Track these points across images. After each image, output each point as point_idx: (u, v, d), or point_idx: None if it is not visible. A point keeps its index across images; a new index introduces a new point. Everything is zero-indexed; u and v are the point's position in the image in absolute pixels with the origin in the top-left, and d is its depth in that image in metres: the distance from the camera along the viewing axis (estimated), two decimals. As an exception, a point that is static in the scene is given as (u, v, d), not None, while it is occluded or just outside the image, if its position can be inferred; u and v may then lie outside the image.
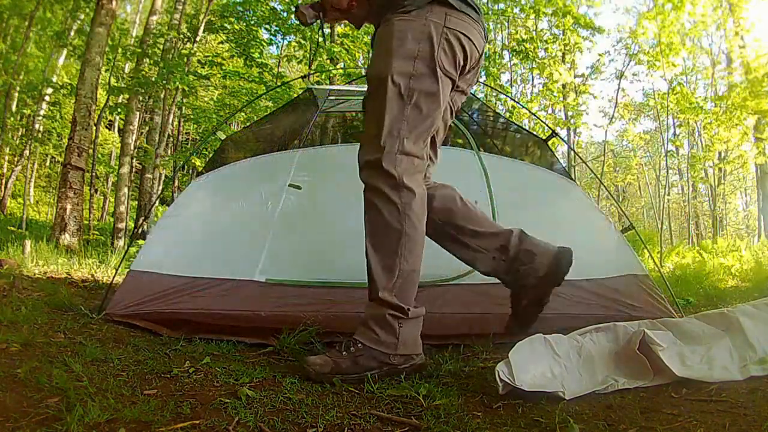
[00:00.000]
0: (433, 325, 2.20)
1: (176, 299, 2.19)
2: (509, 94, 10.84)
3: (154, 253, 2.36)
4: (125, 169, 7.84)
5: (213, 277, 2.24)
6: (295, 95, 4.52)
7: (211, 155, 3.08)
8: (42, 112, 12.31)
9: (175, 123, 12.12)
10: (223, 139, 2.88)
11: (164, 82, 7.60)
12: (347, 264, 2.32)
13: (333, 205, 2.49)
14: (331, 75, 7.34)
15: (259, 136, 3.12)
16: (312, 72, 7.12)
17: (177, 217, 2.48)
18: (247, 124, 6.89)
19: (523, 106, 8.92)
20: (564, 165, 2.84)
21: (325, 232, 2.41)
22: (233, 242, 2.40)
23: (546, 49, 9.49)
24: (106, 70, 9.71)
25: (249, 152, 2.81)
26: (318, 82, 6.78)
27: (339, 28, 7.69)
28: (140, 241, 3.98)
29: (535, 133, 3.11)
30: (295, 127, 3.19)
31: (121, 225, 7.38)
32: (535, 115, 8.56)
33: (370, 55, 2.15)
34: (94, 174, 10.10)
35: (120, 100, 9.62)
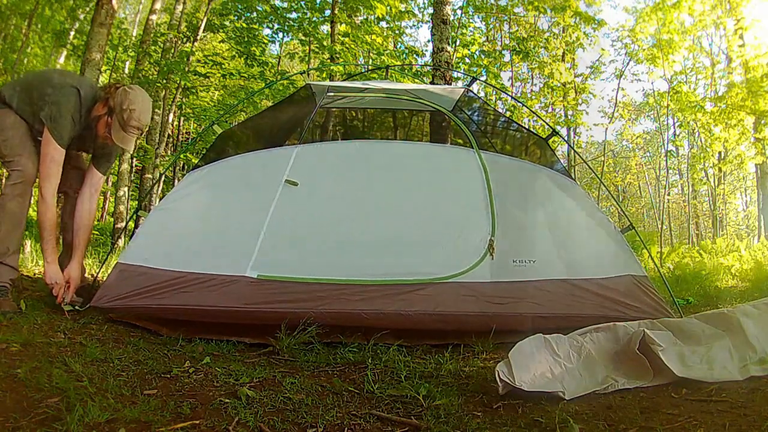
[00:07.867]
0: (429, 323, 2.20)
1: (164, 295, 2.14)
2: (510, 93, 10.78)
3: (143, 245, 2.31)
4: (125, 169, 7.80)
5: (203, 272, 2.19)
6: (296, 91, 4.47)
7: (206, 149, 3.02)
8: (42, 112, 12.20)
9: (175, 123, 12.10)
10: (219, 133, 2.82)
11: (164, 81, 7.58)
12: (339, 262, 2.30)
13: (329, 203, 2.46)
14: (331, 73, 7.33)
15: (256, 131, 3.06)
16: (311, 69, 7.07)
17: (168, 210, 2.42)
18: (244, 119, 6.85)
19: (524, 104, 8.86)
20: (564, 164, 2.82)
21: (319, 230, 2.37)
22: (225, 237, 2.34)
23: (546, 47, 9.43)
24: (107, 70, 9.70)
25: (246, 147, 2.75)
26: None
27: (340, 27, 7.67)
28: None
29: (535, 132, 3.08)
30: (293, 123, 3.14)
31: (121, 225, 7.35)
32: (537, 114, 8.48)
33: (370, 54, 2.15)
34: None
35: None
